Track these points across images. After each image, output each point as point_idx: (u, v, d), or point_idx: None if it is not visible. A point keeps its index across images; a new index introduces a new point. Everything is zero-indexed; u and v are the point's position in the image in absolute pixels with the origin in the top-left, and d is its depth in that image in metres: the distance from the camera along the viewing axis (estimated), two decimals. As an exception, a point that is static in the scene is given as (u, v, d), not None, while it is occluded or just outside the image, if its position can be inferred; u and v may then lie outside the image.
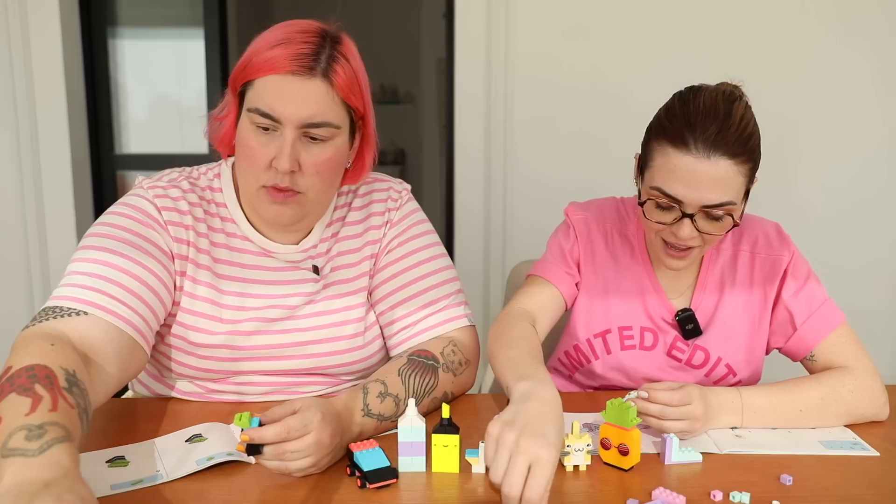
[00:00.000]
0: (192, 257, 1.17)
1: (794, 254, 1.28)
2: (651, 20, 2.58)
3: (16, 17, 2.59)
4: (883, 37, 2.56)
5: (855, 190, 2.65)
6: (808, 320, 1.24)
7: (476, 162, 2.67)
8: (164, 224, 1.15)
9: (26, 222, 2.70)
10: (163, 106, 3.12)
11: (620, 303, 1.30)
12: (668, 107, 1.19)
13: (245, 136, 1.11)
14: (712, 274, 1.30)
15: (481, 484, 0.96)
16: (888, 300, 2.68)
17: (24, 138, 2.65)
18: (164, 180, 1.20)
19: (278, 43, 1.09)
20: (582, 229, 1.33)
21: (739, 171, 1.12)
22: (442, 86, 4.42)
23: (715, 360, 1.28)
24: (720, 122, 1.11)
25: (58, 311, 1.03)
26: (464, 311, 1.27)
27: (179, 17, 3.08)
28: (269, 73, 1.08)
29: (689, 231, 1.15)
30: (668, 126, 1.14)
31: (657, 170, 1.15)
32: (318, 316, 1.21)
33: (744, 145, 1.12)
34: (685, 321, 1.27)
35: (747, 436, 1.11)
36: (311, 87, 1.08)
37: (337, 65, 1.10)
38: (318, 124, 1.09)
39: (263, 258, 1.21)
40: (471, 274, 2.69)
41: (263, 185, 1.12)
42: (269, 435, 0.91)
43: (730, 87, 1.19)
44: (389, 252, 1.26)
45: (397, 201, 1.29)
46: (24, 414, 0.84)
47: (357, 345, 1.23)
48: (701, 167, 1.11)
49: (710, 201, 1.12)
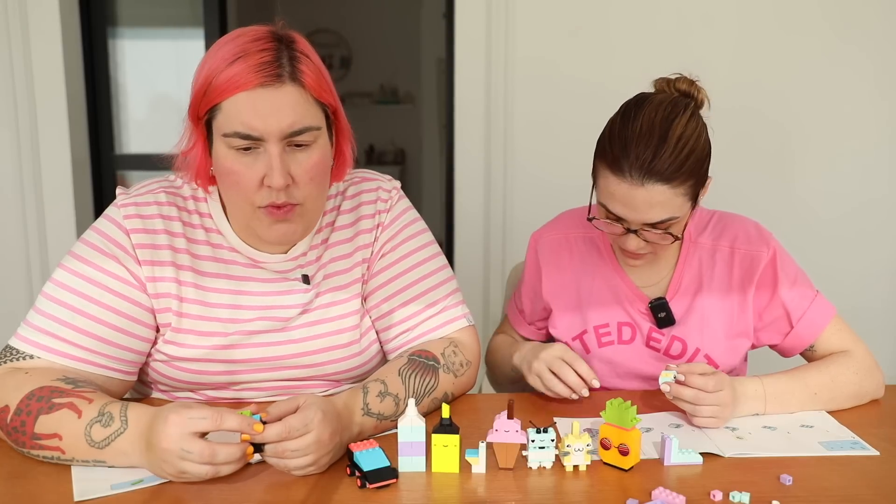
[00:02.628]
0: (171, 276, 1.14)
1: (775, 251, 1.29)
2: (651, 21, 2.58)
3: (16, 17, 2.59)
4: (884, 36, 2.56)
5: (856, 191, 2.65)
6: (804, 316, 1.28)
7: (476, 162, 2.67)
8: (131, 249, 1.13)
9: (26, 222, 2.70)
10: (163, 106, 3.12)
11: (594, 303, 1.35)
12: (612, 124, 1.22)
13: (226, 162, 1.06)
14: (689, 266, 1.32)
15: (481, 484, 0.96)
16: (888, 301, 2.68)
17: (24, 138, 2.65)
18: (142, 192, 1.17)
19: (235, 58, 1.03)
20: (543, 251, 1.41)
21: (677, 192, 1.16)
22: (442, 86, 4.42)
23: (693, 350, 1.30)
24: (654, 147, 1.14)
25: (14, 354, 1.09)
26: (462, 310, 1.26)
27: (179, 17, 3.08)
28: (235, 92, 1.02)
29: (636, 243, 1.22)
30: (607, 149, 1.19)
31: (601, 189, 1.21)
32: (312, 325, 1.20)
33: (678, 168, 1.14)
34: (657, 309, 1.31)
35: (748, 437, 1.11)
36: (284, 94, 1.03)
37: (301, 65, 1.05)
38: (300, 131, 1.05)
39: (251, 269, 1.18)
40: (471, 274, 2.69)
41: (259, 206, 1.08)
42: (270, 434, 0.91)
43: (676, 98, 1.21)
44: (383, 256, 1.24)
45: (387, 202, 1.25)
46: (77, 419, 0.98)
47: (353, 352, 1.22)
48: (636, 193, 1.15)
49: (650, 220, 1.17)
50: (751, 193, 2.59)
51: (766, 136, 2.61)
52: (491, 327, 2.60)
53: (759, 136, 2.61)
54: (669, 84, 1.24)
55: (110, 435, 0.96)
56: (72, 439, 0.97)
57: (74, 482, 0.95)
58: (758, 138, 2.61)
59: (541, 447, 0.99)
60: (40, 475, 0.98)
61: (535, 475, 0.99)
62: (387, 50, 5.71)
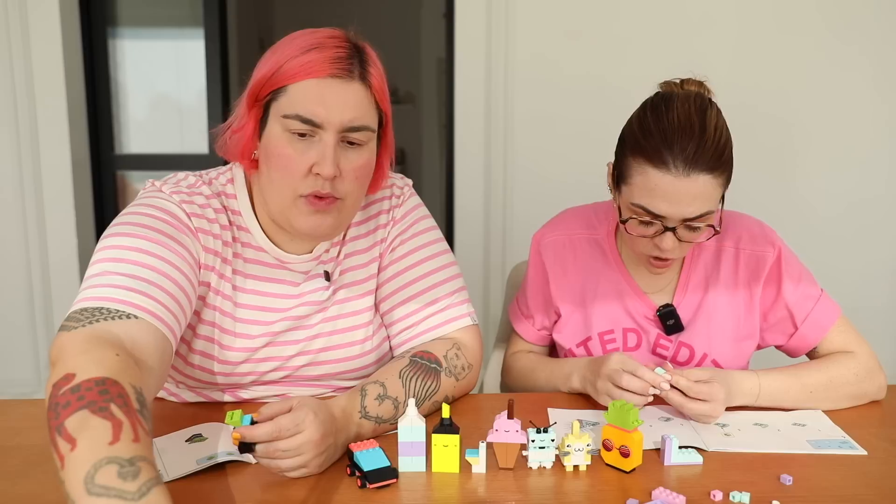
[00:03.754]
0: (218, 268, 1.13)
1: (780, 250, 1.28)
2: (651, 21, 2.58)
3: (16, 17, 2.59)
4: (884, 36, 2.56)
5: (856, 190, 2.65)
6: (809, 317, 1.27)
7: (476, 162, 2.67)
8: (194, 231, 1.10)
9: (26, 222, 2.70)
10: (163, 106, 3.12)
11: (599, 308, 1.32)
12: (641, 119, 1.18)
13: (278, 144, 1.07)
14: (695, 271, 1.31)
15: (481, 484, 0.96)
16: (889, 300, 2.68)
17: (24, 138, 2.65)
18: (184, 186, 1.14)
19: (311, 48, 1.06)
20: (548, 253, 1.37)
21: (717, 182, 1.14)
22: (442, 86, 4.42)
23: (700, 356, 1.29)
24: (697, 138, 1.12)
25: (105, 313, 0.93)
26: (467, 309, 1.25)
27: (179, 17, 3.08)
28: (306, 78, 1.05)
29: (672, 242, 1.17)
30: (644, 144, 1.15)
31: (637, 188, 1.16)
32: (328, 322, 1.20)
33: (720, 157, 1.13)
34: (666, 316, 1.28)
35: (736, 434, 1.11)
36: (352, 90, 1.06)
37: (371, 67, 1.09)
38: (358, 128, 1.07)
39: (277, 270, 1.18)
40: (471, 274, 2.69)
41: (301, 195, 1.08)
42: (260, 434, 0.91)
43: (699, 92, 1.20)
44: (393, 250, 1.25)
45: (400, 198, 1.27)
46: (108, 443, 0.76)
47: (367, 349, 1.22)
48: (682, 185, 1.12)
49: (692, 214, 1.14)
50: (752, 192, 2.59)
51: (767, 135, 2.61)
52: (491, 327, 2.60)
53: (760, 136, 2.61)
54: (678, 86, 1.23)
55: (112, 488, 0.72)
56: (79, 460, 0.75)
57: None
58: (758, 138, 2.61)
59: (541, 447, 0.99)
60: (40, 475, 0.98)
61: (536, 475, 0.99)
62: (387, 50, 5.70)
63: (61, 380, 0.82)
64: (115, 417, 0.78)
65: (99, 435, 0.76)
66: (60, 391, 0.81)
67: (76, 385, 0.81)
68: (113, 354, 0.86)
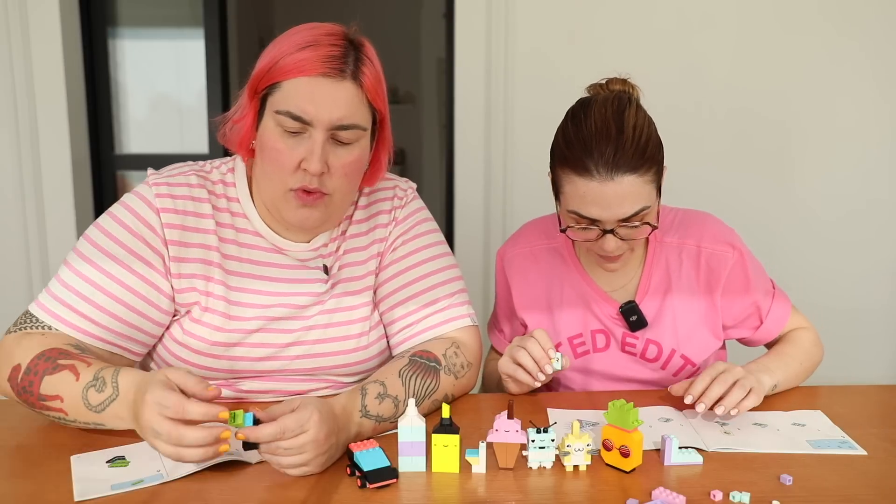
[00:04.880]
0: (198, 257, 1.16)
1: (741, 252, 1.32)
2: (651, 21, 2.58)
3: (16, 17, 2.58)
4: (885, 37, 2.56)
5: (856, 192, 2.65)
6: (771, 311, 1.35)
7: (476, 162, 2.67)
8: (159, 229, 1.15)
9: (26, 222, 2.70)
10: (163, 106, 3.12)
11: (566, 314, 1.35)
12: (564, 130, 1.22)
13: (271, 138, 1.11)
14: (657, 268, 1.33)
15: (481, 484, 0.96)
16: (888, 302, 2.68)
17: (24, 138, 2.65)
18: (173, 174, 1.20)
19: (306, 45, 1.09)
20: (511, 267, 1.41)
21: (644, 180, 1.17)
22: (442, 86, 4.42)
23: (669, 352, 1.31)
24: (615, 140, 1.15)
25: (33, 321, 1.12)
26: (466, 310, 1.26)
27: (179, 17, 3.08)
28: (298, 76, 1.08)
29: (614, 244, 1.21)
30: (567, 154, 1.19)
31: (568, 196, 1.20)
32: (325, 314, 1.21)
33: (642, 155, 1.16)
34: (629, 313, 1.31)
35: (736, 434, 1.11)
36: (342, 89, 1.08)
37: (364, 67, 1.11)
38: (347, 126, 1.09)
39: (274, 255, 1.21)
40: (471, 274, 2.68)
41: (290, 189, 1.12)
42: (265, 434, 0.92)
43: (620, 92, 1.23)
44: (394, 250, 1.26)
45: (403, 199, 1.29)
46: (74, 381, 1.01)
47: (362, 345, 1.23)
48: (608, 189, 1.15)
49: (625, 215, 1.17)
50: (750, 195, 2.59)
51: (766, 137, 2.61)
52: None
53: (759, 138, 2.61)
54: (603, 87, 1.26)
55: (104, 400, 1.00)
56: (72, 401, 1.02)
57: (75, 482, 0.95)
58: (757, 140, 2.61)
59: (541, 447, 0.99)
60: (40, 475, 0.98)
61: (535, 475, 0.99)
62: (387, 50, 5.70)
63: (12, 371, 1.06)
64: (66, 366, 1.03)
65: (68, 381, 1.02)
66: (18, 378, 1.05)
67: (27, 368, 1.05)
68: (39, 335, 1.09)
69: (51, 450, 1.04)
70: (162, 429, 0.90)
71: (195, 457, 0.90)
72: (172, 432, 0.89)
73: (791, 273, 2.36)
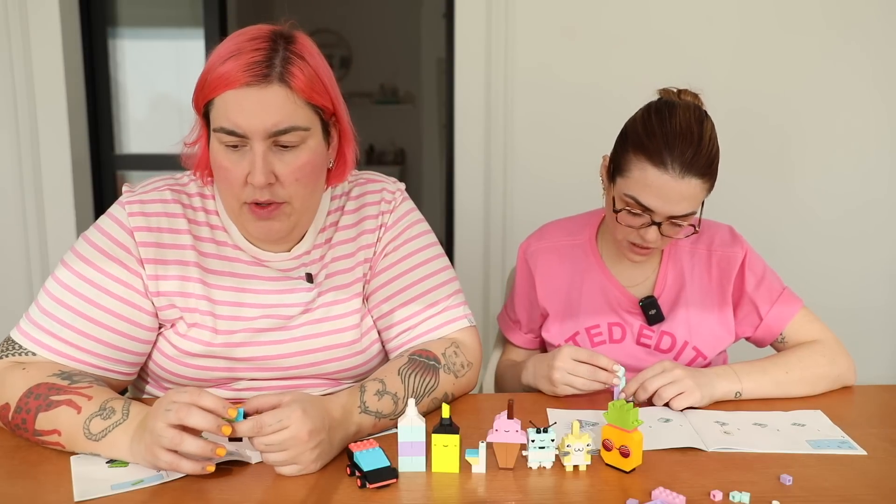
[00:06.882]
0: (176, 274, 1.15)
1: (747, 251, 1.40)
2: (651, 22, 2.58)
3: (16, 17, 2.58)
4: (885, 38, 2.56)
5: (855, 192, 2.65)
6: (772, 309, 1.38)
7: (476, 162, 2.67)
8: (134, 249, 1.14)
9: (26, 222, 2.70)
10: (163, 106, 3.12)
11: (585, 306, 1.42)
12: (645, 120, 1.28)
13: (217, 156, 1.09)
14: (672, 268, 1.41)
15: (481, 484, 0.96)
16: (888, 301, 2.68)
17: (24, 138, 2.65)
18: (147, 190, 1.18)
19: (229, 56, 1.05)
20: (535, 260, 1.47)
21: (705, 187, 1.27)
22: (442, 86, 4.42)
23: (682, 343, 1.38)
24: (695, 145, 1.24)
25: (16, 349, 1.11)
26: (464, 311, 1.26)
27: (179, 17, 3.08)
28: (225, 90, 1.04)
29: (655, 235, 1.29)
30: (647, 143, 1.25)
31: (633, 181, 1.27)
32: (314, 324, 1.20)
33: (710, 166, 1.26)
34: (648, 307, 1.39)
35: (736, 433, 1.11)
36: (270, 94, 1.04)
37: (292, 66, 1.06)
38: (285, 130, 1.06)
39: (256, 267, 1.19)
40: (471, 274, 2.69)
41: (244, 203, 1.10)
42: (243, 430, 0.93)
43: (696, 104, 1.31)
44: (386, 256, 1.24)
45: (391, 203, 1.27)
46: (75, 415, 1.00)
47: (354, 351, 1.22)
48: (675, 185, 1.23)
49: (679, 213, 1.26)
50: (751, 194, 2.59)
51: (766, 137, 2.61)
52: (491, 327, 2.60)
53: (759, 138, 2.61)
54: (675, 94, 1.33)
55: (108, 426, 0.99)
56: (70, 433, 1.01)
57: (74, 482, 0.95)
58: (758, 139, 2.61)
59: (541, 447, 0.99)
60: (40, 475, 0.98)
61: (535, 475, 0.99)
62: (387, 50, 5.70)
63: (2, 409, 1.06)
64: (62, 402, 1.02)
65: (67, 415, 1.01)
66: (9, 416, 1.05)
67: (16, 407, 1.04)
68: (21, 371, 1.07)
69: (51, 450, 1.04)
70: (165, 433, 0.91)
71: (189, 468, 0.93)
72: (175, 437, 0.91)
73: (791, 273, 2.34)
